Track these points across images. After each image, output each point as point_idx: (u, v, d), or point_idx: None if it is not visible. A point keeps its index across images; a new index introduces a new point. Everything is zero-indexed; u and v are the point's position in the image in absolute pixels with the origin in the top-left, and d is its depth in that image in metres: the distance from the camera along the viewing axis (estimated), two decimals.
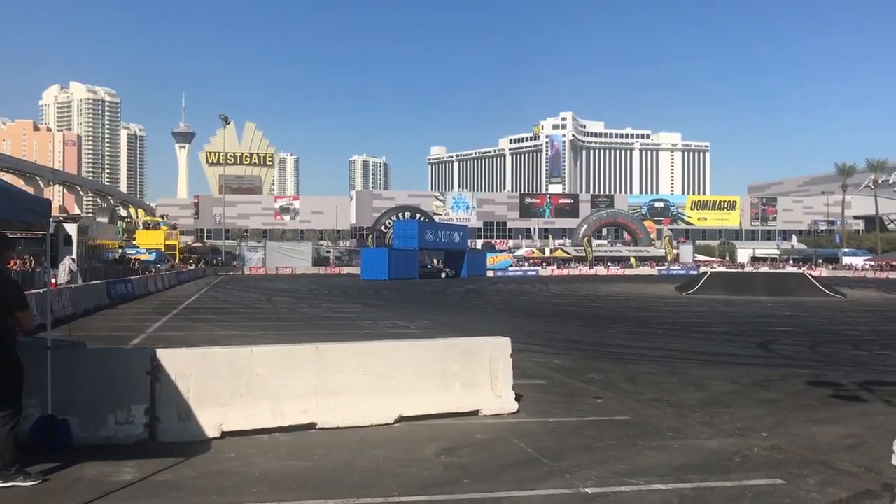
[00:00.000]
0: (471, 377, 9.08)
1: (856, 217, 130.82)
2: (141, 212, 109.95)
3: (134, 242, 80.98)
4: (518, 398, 9.37)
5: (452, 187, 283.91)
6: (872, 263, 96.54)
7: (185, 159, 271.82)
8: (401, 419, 8.51)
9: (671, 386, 11.51)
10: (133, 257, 60.46)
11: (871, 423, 8.81)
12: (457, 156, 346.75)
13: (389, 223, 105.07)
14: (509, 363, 9.33)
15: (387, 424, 8.38)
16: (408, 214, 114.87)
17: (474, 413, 8.92)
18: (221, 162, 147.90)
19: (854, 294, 43.06)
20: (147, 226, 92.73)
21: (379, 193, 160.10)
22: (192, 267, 75.32)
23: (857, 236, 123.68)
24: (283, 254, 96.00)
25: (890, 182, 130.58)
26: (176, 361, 7.81)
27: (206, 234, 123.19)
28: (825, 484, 6.42)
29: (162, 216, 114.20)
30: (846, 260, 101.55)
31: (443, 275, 71.64)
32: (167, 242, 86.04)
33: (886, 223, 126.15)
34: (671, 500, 5.94)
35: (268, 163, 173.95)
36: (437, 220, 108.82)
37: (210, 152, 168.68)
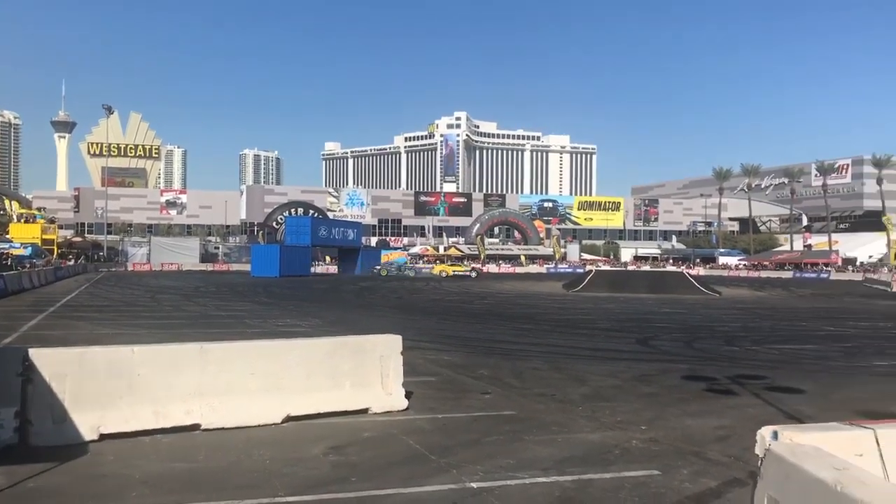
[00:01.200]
0: (361, 375, 9.08)
1: (731, 219, 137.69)
2: (15, 204, 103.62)
3: (7, 236, 76.32)
4: (408, 395, 9.43)
5: (347, 184, 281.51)
6: (746, 263, 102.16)
7: (65, 150, 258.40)
8: (289, 419, 8.42)
9: (556, 381, 11.84)
10: (6, 252, 57.00)
11: (740, 415, 9.33)
12: (352, 152, 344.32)
13: (281, 219, 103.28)
14: (400, 361, 9.38)
15: (275, 424, 8.27)
16: (301, 210, 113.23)
17: (364, 411, 8.93)
18: (104, 153, 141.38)
19: (729, 292, 45.38)
20: (22, 219, 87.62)
21: (271, 188, 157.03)
22: (72, 263, 71.75)
23: (732, 237, 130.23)
24: (169, 250, 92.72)
25: (762, 186, 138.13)
26: (50, 361, 7.47)
27: (87, 229, 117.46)
28: (697, 474, 6.77)
29: (39, 209, 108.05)
30: (722, 259, 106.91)
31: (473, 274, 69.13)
32: (44, 237, 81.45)
33: (759, 225, 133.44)
34: (553, 493, 6.14)
35: (154, 155, 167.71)
36: (331, 217, 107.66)
37: (92, 143, 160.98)
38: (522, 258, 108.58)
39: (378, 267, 74.91)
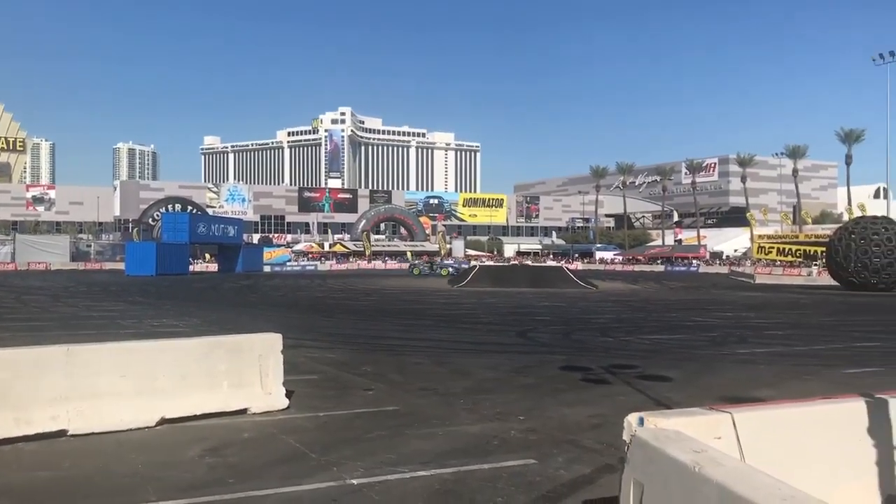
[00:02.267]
0: (239, 375, 8.88)
1: (607, 215, 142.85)
2: None
3: None
4: (289, 394, 9.30)
5: (228, 179, 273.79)
6: (621, 257, 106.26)
7: None
8: (164, 422, 8.14)
9: (439, 375, 11.97)
10: None
11: (613, 403, 9.70)
12: (232, 147, 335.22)
13: (158, 216, 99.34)
14: (280, 359, 9.23)
15: (148, 428, 7.98)
16: (179, 207, 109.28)
17: (243, 412, 8.74)
18: None
19: (605, 285, 47.05)
20: None
21: (147, 184, 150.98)
22: None
23: (608, 233, 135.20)
24: (36, 248, 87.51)
25: (637, 184, 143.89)
26: None
27: None
28: (572, 461, 7.00)
29: None
30: (599, 254, 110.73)
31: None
32: None
33: (633, 221, 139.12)
34: (433, 486, 6.20)
35: (18, 148, 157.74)
36: (210, 213, 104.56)
37: None
38: (409, 254, 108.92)
39: (415, 263, 71.79)
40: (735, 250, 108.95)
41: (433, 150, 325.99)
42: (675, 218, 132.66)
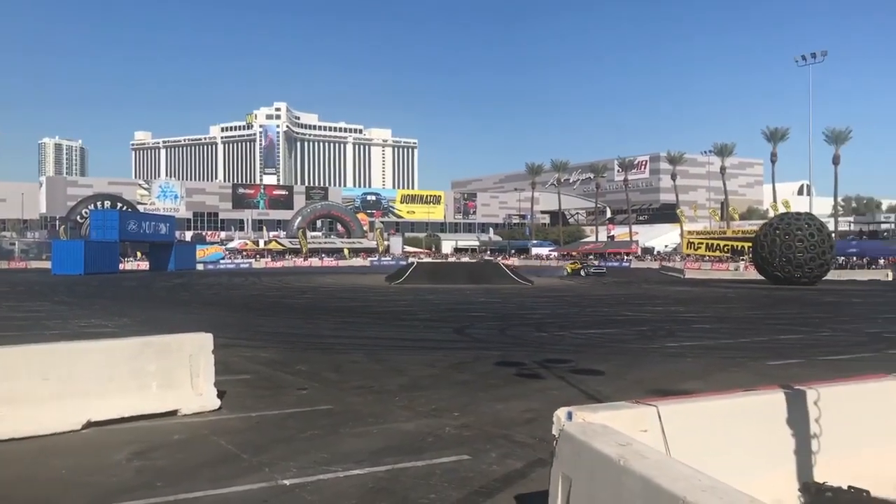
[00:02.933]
0: (169, 376, 8.71)
1: (543, 212, 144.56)
2: None
3: None
4: (221, 395, 9.17)
5: (159, 175, 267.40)
6: (556, 253, 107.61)
7: None
8: (90, 425, 7.93)
9: (375, 373, 11.95)
10: None
11: (546, 397, 9.83)
12: (164, 142, 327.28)
13: (86, 213, 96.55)
14: (211, 359, 9.09)
15: (74, 432, 7.76)
16: (108, 203, 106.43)
17: (173, 413, 8.58)
18: None
19: (540, 281, 47.62)
20: None
21: (74, 180, 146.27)
22: None
23: (544, 229, 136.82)
24: None
25: (571, 181, 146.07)
26: None
27: None
28: (505, 456, 7.08)
29: None
30: (535, 250, 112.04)
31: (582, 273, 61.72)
32: None
33: (568, 217, 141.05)
34: (366, 484, 6.20)
35: None
36: (141, 210, 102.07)
37: None
38: (346, 251, 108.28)
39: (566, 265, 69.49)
40: (666, 246, 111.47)
41: (370, 147, 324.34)
42: (609, 214, 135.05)
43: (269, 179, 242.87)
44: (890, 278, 57.32)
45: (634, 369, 12.41)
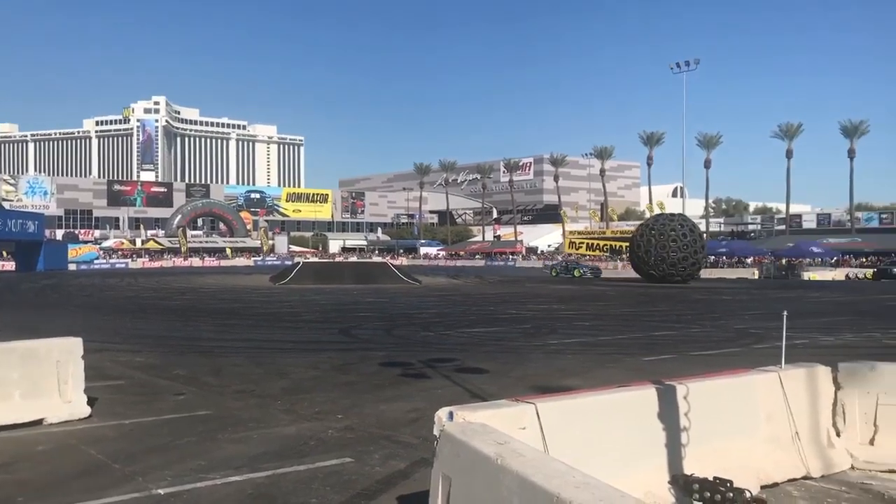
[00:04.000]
0: (34, 384, 8.23)
1: (431, 211, 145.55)
2: None
3: None
4: (92, 402, 8.74)
5: (27, 170, 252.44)
6: (444, 253, 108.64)
7: None
8: None
9: (257, 376, 11.68)
10: None
11: (431, 396, 9.88)
12: (32, 135, 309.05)
13: None
14: (80, 365, 8.64)
15: None
16: None
17: (38, 423, 8.11)
18: None
19: (428, 280, 47.88)
20: None
21: None
22: None
23: (432, 228, 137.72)
24: None
25: (459, 181, 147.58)
26: None
27: None
28: (388, 457, 7.06)
29: None
30: (423, 250, 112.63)
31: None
32: None
33: (456, 217, 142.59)
34: (245, 490, 6.04)
35: None
36: (6, 207, 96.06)
37: None
38: (228, 251, 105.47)
39: (554, 264, 66.10)
40: (549, 245, 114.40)
41: (255, 143, 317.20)
42: (495, 214, 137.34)
43: (147, 176, 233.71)
44: (756, 277, 60.89)
45: (518, 367, 12.64)
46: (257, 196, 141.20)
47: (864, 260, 69.88)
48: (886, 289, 42.68)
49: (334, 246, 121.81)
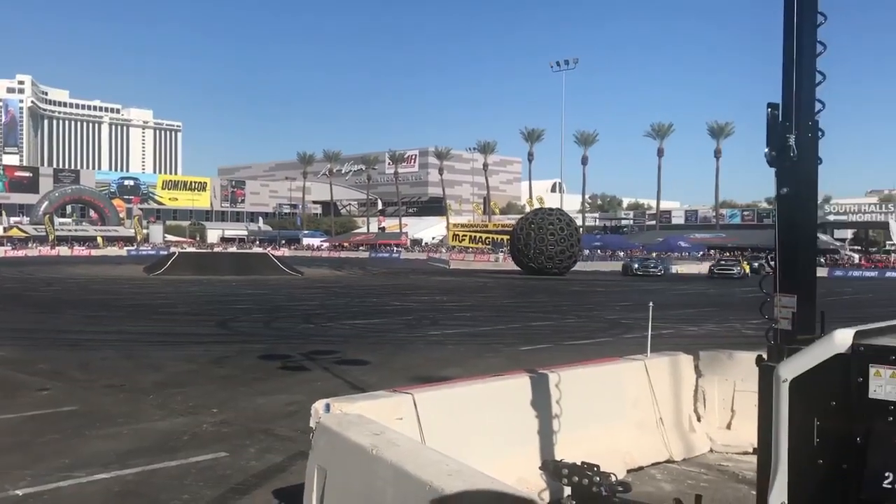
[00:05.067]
0: None
1: (315, 202, 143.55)
2: None
3: None
4: None
5: None
6: (328, 244, 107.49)
7: None
8: None
9: (127, 370, 11.26)
10: None
11: (310, 389, 9.78)
12: None
13: None
14: None
15: None
16: None
17: None
18: None
19: (311, 272, 47.27)
20: None
21: None
22: None
23: (315, 219, 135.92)
24: None
25: (343, 172, 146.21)
26: None
27: None
28: (265, 451, 6.97)
29: None
30: (306, 241, 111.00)
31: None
32: None
33: (340, 208, 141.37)
34: (112, 489, 5.83)
35: None
36: None
37: None
38: (100, 240, 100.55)
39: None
40: (433, 238, 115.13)
41: (129, 128, 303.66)
42: (380, 206, 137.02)
43: (11, 159, 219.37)
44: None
45: (399, 358, 12.72)
46: (131, 183, 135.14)
47: (728, 254, 74.01)
48: (749, 282, 45.41)
49: (213, 236, 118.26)
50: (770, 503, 3.39)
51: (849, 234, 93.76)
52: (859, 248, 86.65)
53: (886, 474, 2.92)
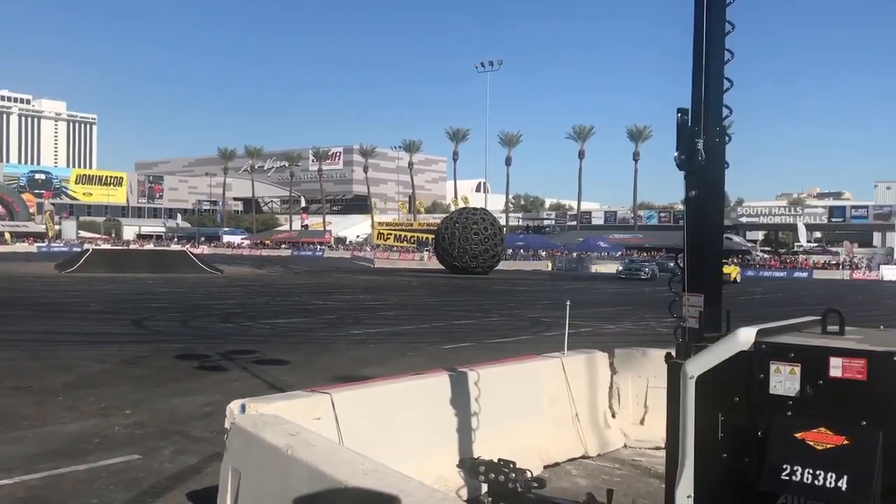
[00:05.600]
0: None
1: (236, 199, 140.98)
2: None
3: None
4: None
5: None
6: (249, 242, 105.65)
7: None
8: None
9: (35, 371, 10.83)
10: None
11: (228, 389, 9.60)
12: None
13: None
14: None
15: None
16: None
17: None
18: None
19: (231, 270, 46.38)
20: None
21: None
22: None
23: (236, 216, 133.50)
24: None
25: (265, 168, 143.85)
26: None
27: None
28: (179, 453, 6.81)
29: None
30: (226, 238, 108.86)
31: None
32: None
33: (262, 205, 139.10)
34: (16, 494, 5.60)
35: None
36: None
37: None
38: (8, 236, 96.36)
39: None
40: (357, 236, 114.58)
41: (40, 120, 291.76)
42: (303, 204, 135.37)
43: None
44: (550, 269, 64.46)
45: (320, 358, 12.61)
46: (42, 177, 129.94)
47: (646, 254, 75.98)
48: (659, 282, 46.63)
49: (129, 232, 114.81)
50: (677, 496, 3.51)
51: (760, 235, 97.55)
52: (770, 248, 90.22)
53: (784, 466, 3.06)
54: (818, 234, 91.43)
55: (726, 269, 37.30)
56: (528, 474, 4.66)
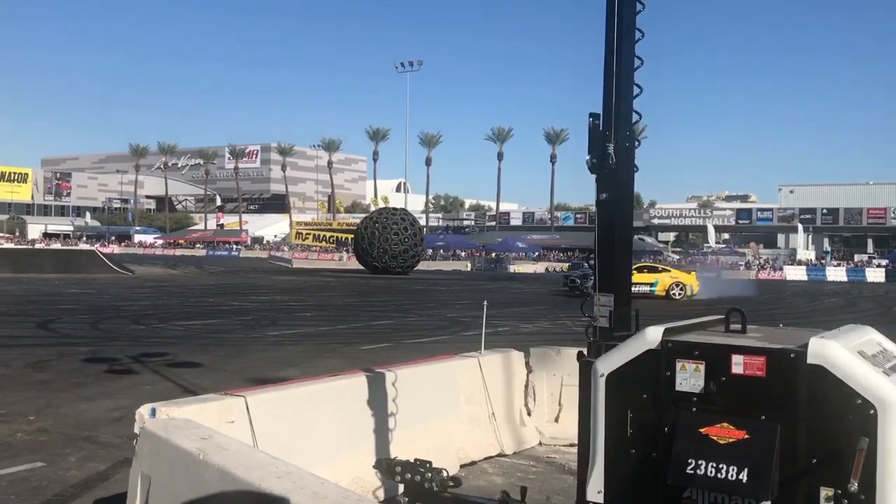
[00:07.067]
0: None
1: (148, 197, 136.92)
2: None
3: None
4: None
5: None
6: (162, 241, 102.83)
7: None
8: None
9: None
10: None
11: (139, 393, 9.35)
12: None
13: None
14: None
15: None
16: None
17: None
18: None
19: (142, 270, 45.06)
20: None
21: None
22: None
23: (149, 215, 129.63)
24: None
25: (180, 166, 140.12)
26: None
27: None
28: (86, 459, 6.59)
29: None
30: (138, 237, 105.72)
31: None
32: None
33: (176, 204, 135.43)
34: None
35: None
36: None
37: None
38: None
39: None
40: (275, 235, 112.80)
41: None
42: (219, 202, 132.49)
43: None
44: (469, 269, 64.97)
45: (235, 360, 12.40)
46: None
47: (562, 254, 77.41)
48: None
49: (34, 231, 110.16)
50: (588, 492, 3.60)
51: (671, 236, 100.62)
52: (680, 249, 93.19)
53: (689, 461, 3.18)
54: (726, 236, 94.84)
55: (685, 279, 33.26)
56: (445, 473, 4.70)
